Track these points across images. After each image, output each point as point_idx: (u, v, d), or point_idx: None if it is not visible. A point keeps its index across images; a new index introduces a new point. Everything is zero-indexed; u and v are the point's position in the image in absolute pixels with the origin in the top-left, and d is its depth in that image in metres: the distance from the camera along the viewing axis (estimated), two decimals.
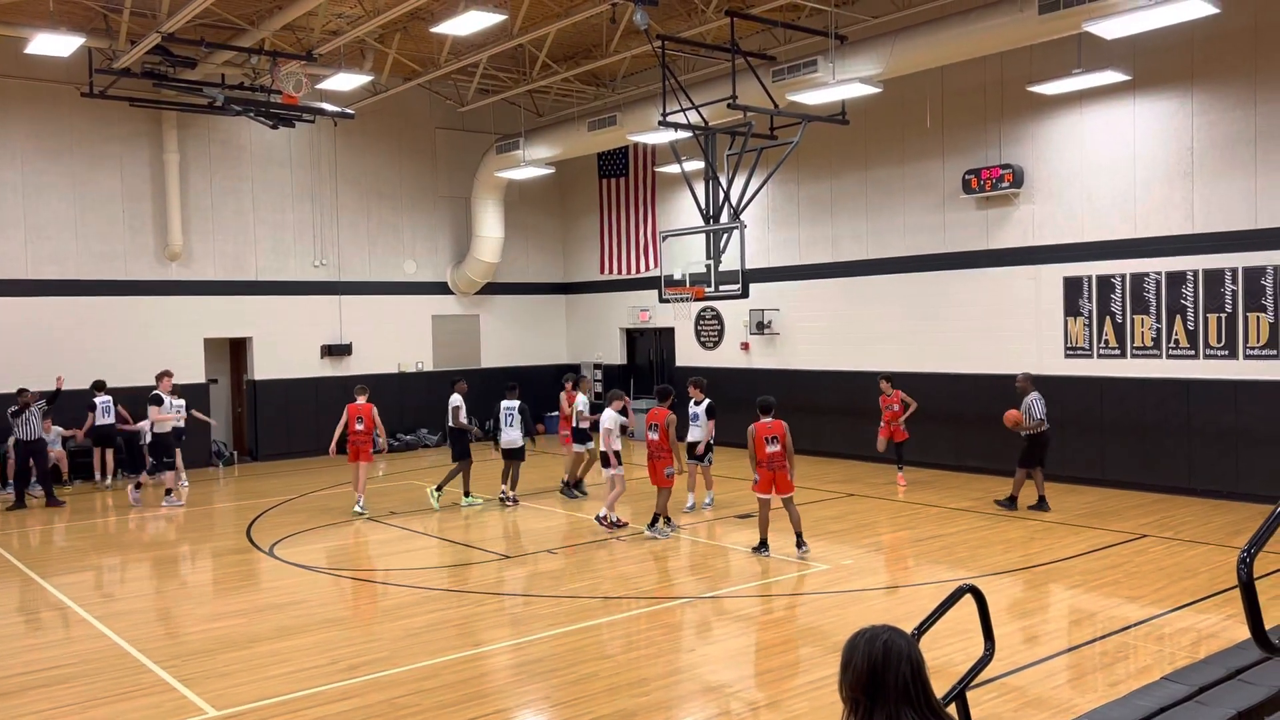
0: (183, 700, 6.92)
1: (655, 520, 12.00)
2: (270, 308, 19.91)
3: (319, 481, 17.05)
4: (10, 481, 15.43)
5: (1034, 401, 12.85)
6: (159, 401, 14.59)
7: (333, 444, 14.01)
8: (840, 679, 2.56)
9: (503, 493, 14.36)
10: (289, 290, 20.16)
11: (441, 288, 22.29)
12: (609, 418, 12.17)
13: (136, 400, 17.68)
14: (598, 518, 12.40)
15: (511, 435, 14.23)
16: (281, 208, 20.16)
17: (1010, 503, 12.98)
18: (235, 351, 20.33)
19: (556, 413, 16.12)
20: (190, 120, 18.83)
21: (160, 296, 18.74)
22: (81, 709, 6.81)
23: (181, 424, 15.49)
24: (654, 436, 11.97)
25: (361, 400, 14.13)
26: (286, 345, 20.06)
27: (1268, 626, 3.14)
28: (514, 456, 14.29)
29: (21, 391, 14.90)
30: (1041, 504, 12.85)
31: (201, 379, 19.26)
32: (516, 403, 14.45)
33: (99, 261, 18.21)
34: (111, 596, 10.24)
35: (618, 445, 12.19)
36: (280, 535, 12.56)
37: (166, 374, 15.13)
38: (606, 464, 12.18)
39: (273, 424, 20.00)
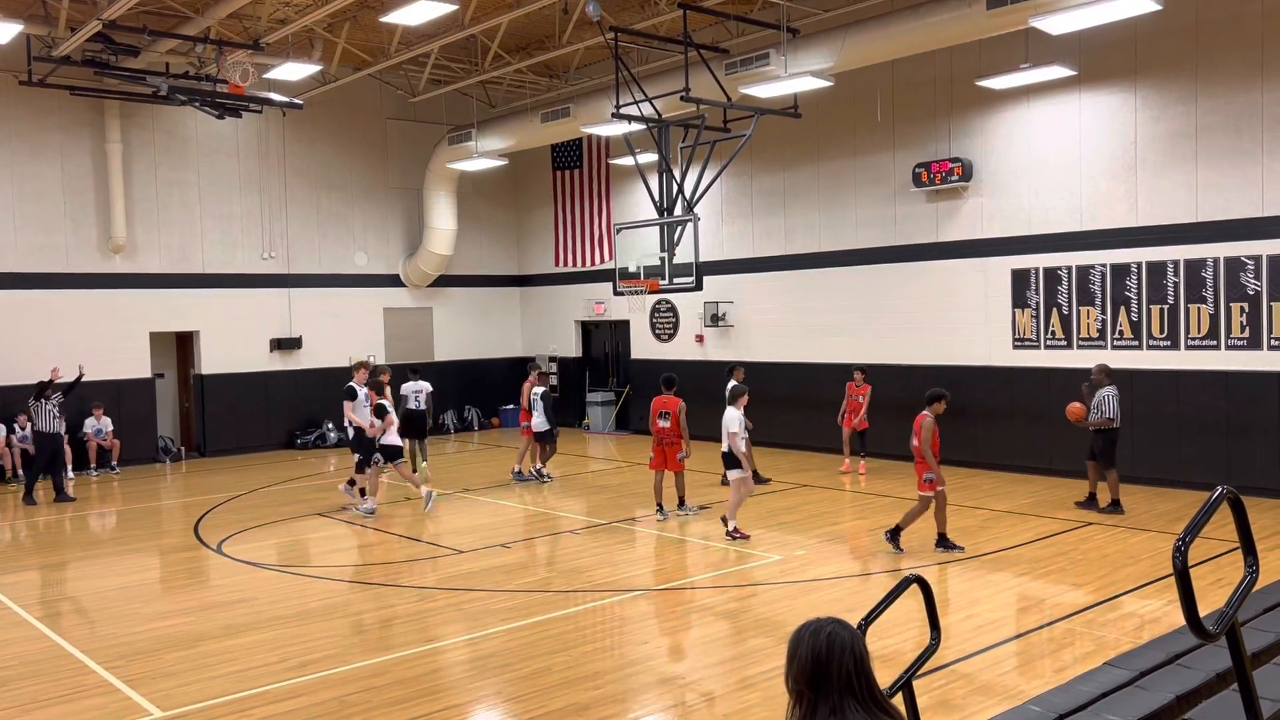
0: (127, 701, 6.79)
1: (683, 501, 12.54)
2: (218, 301, 19.57)
3: (268, 477, 16.82)
4: (19, 472, 16.25)
5: (1109, 397, 11.98)
6: (353, 395, 13.41)
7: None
8: (785, 671, 2.57)
9: (536, 470, 15.48)
10: (237, 283, 19.84)
11: (393, 280, 22.07)
12: (733, 418, 11.13)
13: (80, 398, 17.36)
14: (728, 533, 11.20)
15: (540, 420, 15.14)
16: (229, 199, 19.82)
17: (1090, 501, 12.23)
18: (182, 345, 19.97)
19: (515, 405, 16.08)
20: (134, 110, 18.43)
21: (104, 290, 18.34)
22: (21, 712, 6.65)
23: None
24: (664, 424, 12.25)
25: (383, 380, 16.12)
26: (235, 339, 19.75)
27: (1203, 613, 3.20)
28: (545, 439, 15.37)
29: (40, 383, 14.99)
30: (1115, 506, 11.96)
31: (147, 374, 18.90)
32: (541, 389, 15.36)
33: (39, 254, 17.78)
34: (53, 596, 10.02)
35: (744, 447, 11.13)
36: (228, 532, 12.37)
37: (363, 365, 13.93)
38: (734, 466, 11.15)
39: (221, 419, 19.69)
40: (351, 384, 13.54)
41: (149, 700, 6.78)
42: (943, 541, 10.34)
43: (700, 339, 19.88)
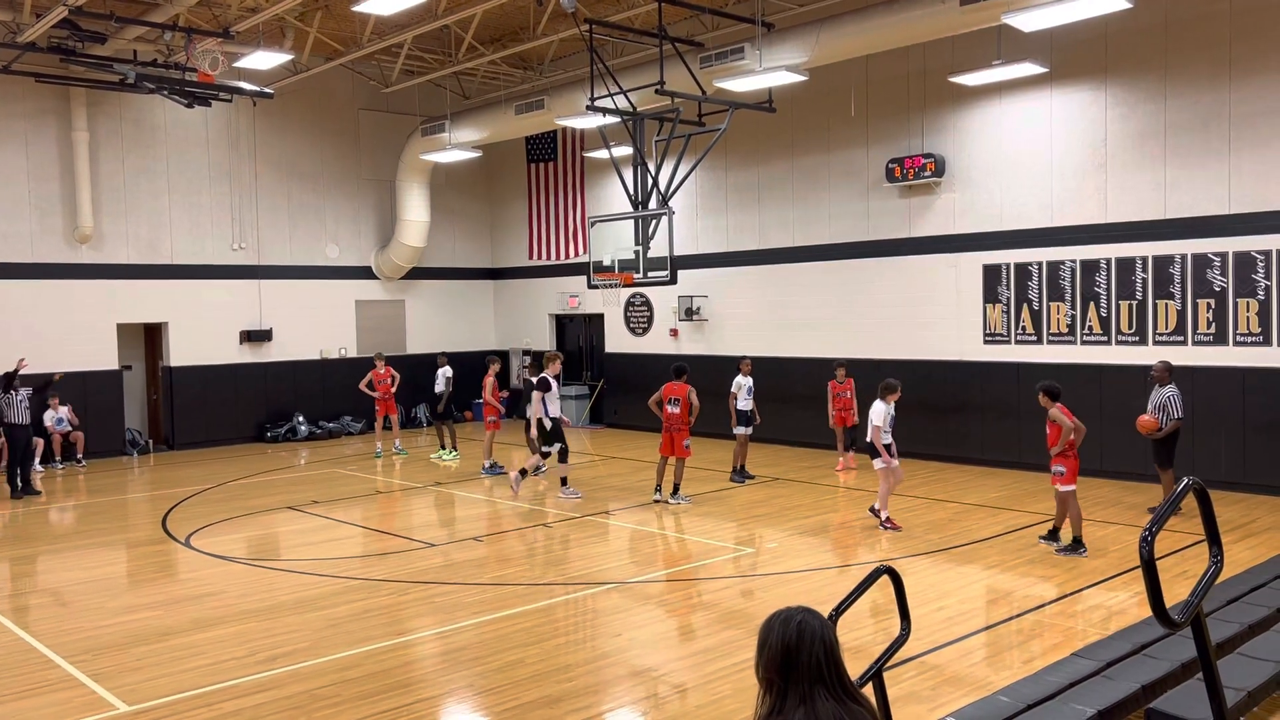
0: (92, 696, 6.71)
1: (677, 489, 12.88)
2: (187, 292, 19.35)
3: (237, 470, 16.67)
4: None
5: (1172, 399, 11.51)
6: (547, 386, 13.47)
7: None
8: (756, 660, 2.58)
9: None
10: (206, 274, 19.63)
11: (365, 272, 21.91)
12: (879, 411, 11.03)
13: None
14: (873, 509, 11.38)
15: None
16: (198, 189, 19.60)
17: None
18: (150, 337, 19.74)
19: (480, 400, 16.04)
20: (101, 98, 18.17)
21: (70, 280, 18.09)
22: None
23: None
24: (674, 410, 12.68)
25: (380, 367, 17.99)
26: (204, 331, 19.55)
27: (1169, 603, 3.24)
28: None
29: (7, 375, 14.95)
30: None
31: (114, 365, 18.66)
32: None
33: (2, 243, 17.49)
34: (17, 590, 9.87)
35: (888, 439, 11.05)
36: (197, 525, 12.25)
37: (556, 356, 14.07)
38: (876, 454, 11.08)
39: (189, 411, 19.49)
40: (545, 375, 13.61)
41: (115, 695, 6.70)
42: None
43: (675, 333, 19.89)
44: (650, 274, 14.81)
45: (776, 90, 15.09)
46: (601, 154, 18.46)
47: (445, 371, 17.49)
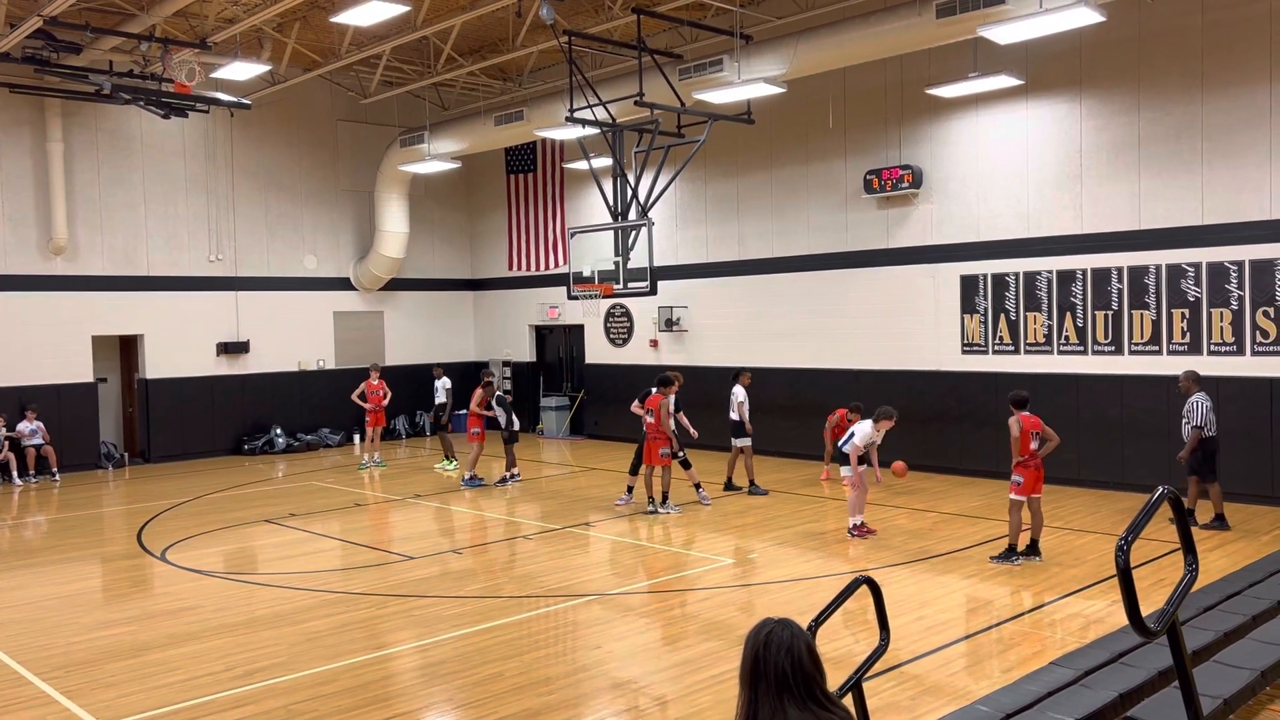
0: (65, 713, 6.62)
1: (665, 498, 12.99)
2: (163, 304, 19.20)
3: (214, 483, 16.52)
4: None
5: (1198, 404, 11.31)
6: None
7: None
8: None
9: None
10: (183, 286, 19.48)
11: (344, 283, 21.81)
12: (863, 433, 11.01)
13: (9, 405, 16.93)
14: (850, 531, 11.30)
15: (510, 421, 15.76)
16: (174, 200, 19.47)
17: (1189, 517, 11.65)
18: (125, 349, 19.56)
19: (465, 411, 16.02)
20: (76, 108, 18.03)
21: (44, 292, 17.91)
22: None
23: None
24: (651, 420, 12.87)
25: (374, 378, 18.11)
26: (180, 343, 19.39)
27: (1147, 611, 3.26)
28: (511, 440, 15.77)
29: None
30: (1219, 521, 11.17)
31: (89, 378, 18.48)
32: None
33: None
34: None
35: (853, 459, 11.04)
36: (173, 539, 12.13)
37: (675, 377, 13.70)
38: (847, 463, 11.19)
39: (166, 424, 19.31)
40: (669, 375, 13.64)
41: (88, 712, 6.61)
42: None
43: (654, 343, 19.90)
44: (630, 285, 14.83)
45: (755, 102, 15.16)
46: (581, 165, 18.48)
47: (444, 383, 17.82)
